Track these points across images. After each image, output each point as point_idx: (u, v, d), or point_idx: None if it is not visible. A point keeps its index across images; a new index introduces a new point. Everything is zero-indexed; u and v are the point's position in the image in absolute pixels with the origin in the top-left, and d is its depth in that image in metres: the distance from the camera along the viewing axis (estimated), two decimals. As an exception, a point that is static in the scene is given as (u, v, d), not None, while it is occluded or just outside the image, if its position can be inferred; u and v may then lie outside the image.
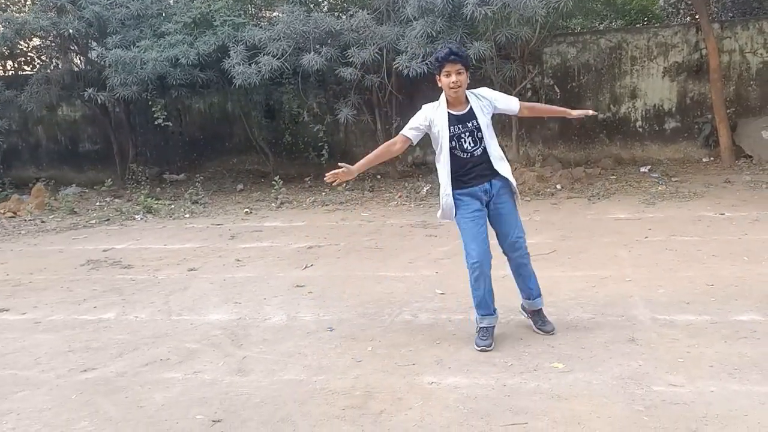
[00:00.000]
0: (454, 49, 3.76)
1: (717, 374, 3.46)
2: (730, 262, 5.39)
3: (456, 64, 3.71)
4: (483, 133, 3.83)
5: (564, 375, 3.57)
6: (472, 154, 3.85)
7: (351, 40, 8.79)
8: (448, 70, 3.73)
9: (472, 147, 3.85)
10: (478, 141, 3.84)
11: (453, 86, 3.74)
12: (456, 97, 3.80)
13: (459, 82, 3.73)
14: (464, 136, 3.83)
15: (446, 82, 3.76)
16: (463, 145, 3.84)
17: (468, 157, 3.85)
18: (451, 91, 3.78)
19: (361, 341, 4.24)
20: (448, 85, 3.75)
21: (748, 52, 10.39)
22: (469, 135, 3.83)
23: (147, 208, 9.26)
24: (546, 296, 4.78)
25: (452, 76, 3.72)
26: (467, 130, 3.83)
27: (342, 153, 12.02)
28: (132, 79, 9.36)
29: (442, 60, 3.74)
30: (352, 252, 6.58)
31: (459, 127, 3.83)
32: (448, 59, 3.71)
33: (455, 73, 3.72)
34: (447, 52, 3.74)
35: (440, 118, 3.84)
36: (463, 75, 3.75)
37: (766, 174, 9.17)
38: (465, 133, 3.83)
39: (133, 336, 4.62)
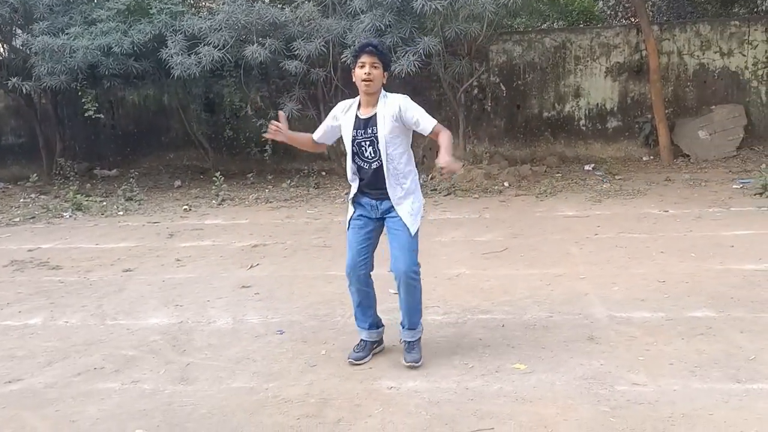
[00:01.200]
0: (373, 42, 3.53)
1: (678, 372, 3.43)
2: (679, 258, 5.45)
3: (372, 56, 3.44)
4: (381, 147, 3.47)
5: (527, 376, 3.46)
6: (370, 165, 3.54)
7: (296, 33, 8.51)
8: (363, 62, 3.44)
9: (371, 157, 3.53)
10: (377, 152, 3.50)
11: (365, 78, 3.43)
12: (367, 93, 3.48)
13: (372, 76, 3.43)
14: (365, 144, 3.52)
15: (359, 74, 3.45)
16: (364, 153, 3.54)
17: (366, 168, 3.56)
18: (362, 84, 3.46)
19: (313, 344, 4.03)
20: (360, 77, 3.44)
21: (685, 54, 10.67)
22: (369, 144, 3.50)
23: (76, 205, 8.72)
24: (502, 295, 4.75)
25: (366, 67, 3.43)
26: (367, 137, 3.50)
27: (285, 149, 11.69)
28: (60, 68, 8.79)
29: (359, 50, 3.49)
30: (300, 251, 6.33)
31: (361, 133, 3.52)
32: (365, 50, 3.46)
33: (370, 65, 3.43)
34: (365, 43, 3.52)
35: (348, 119, 3.58)
36: (378, 70, 3.45)
37: (704, 172, 9.42)
38: (366, 141, 3.50)
39: (63, 343, 4.26)
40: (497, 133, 11.22)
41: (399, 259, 3.56)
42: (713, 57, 10.60)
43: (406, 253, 3.56)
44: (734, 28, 10.52)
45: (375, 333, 3.82)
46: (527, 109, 11.17)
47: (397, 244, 3.58)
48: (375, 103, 3.52)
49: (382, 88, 3.55)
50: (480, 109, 11.15)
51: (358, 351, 3.76)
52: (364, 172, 3.59)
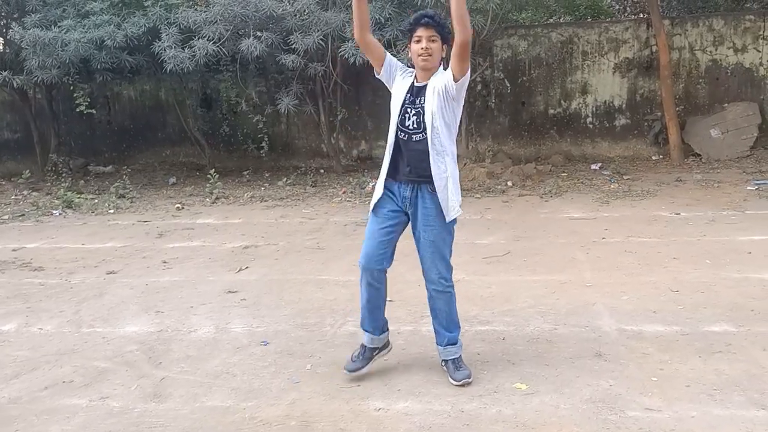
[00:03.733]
0: (429, 13, 3.21)
1: (695, 396, 3.13)
2: (693, 265, 5.14)
3: (429, 29, 3.13)
4: (427, 119, 3.20)
5: (528, 398, 3.17)
6: (411, 137, 3.25)
7: (294, 26, 8.20)
8: (420, 35, 3.14)
9: (413, 127, 3.25)
10: (420, 125, 3.23)
11: (422, 53, 3.15)
12: (425, 67, 3.20)
13: (430, 50, 3.14)
14: (410, 112, 3.25)
15: (415, 49, 3.17)
16: (405, 121, 3.26)
17: (406, 139, 3.26)
18: (419, 59, 3.17)
19: (298, 357, 3.75)
20: (417, 52, 3.16)
21: (697, 49, 10.31)
22: (414, 114, 3.24)
23: (67, 202, 8.45)
24: (503, 304, 4.46)
25: (423, 41, 3.13)
26: (415, 107, 3.24)
27: (283, 145, 11.47)
28: (52, 61, 8.52)
29: (414, 23, 3.19)
30: (292, 253, 6.04)
31: (411, 99, 3.26)
32: (420, 22, 3.15)
33: (427, 39, 3.13)
34: (421, 14, 3.20)
35: (404, 82, 3.30)
36: (437, 43, 3.16)
37: (716, 173, 9.08)
38: (412, 110, 3.24)
39: (34, 352, 4.00)
40: (501, 131, 10.89)
41: (432, 267, 3.30)
42: (726, 53, 10.23)
43: (439, 258, 3.30)
44: (749, 22, 10.15)
45: (377, 339, 3.49)
46: (532, 106, 10.83)
47: (425, 245, 3.30)
48: (431, 76, 3.24)
49: (441, 63, 3.25)
50: (483, 105, 10.82)
51: (355, 360, 3.46)
52: (402, 145, 3.27)
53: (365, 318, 3.46)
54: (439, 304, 3.37)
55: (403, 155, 3.28)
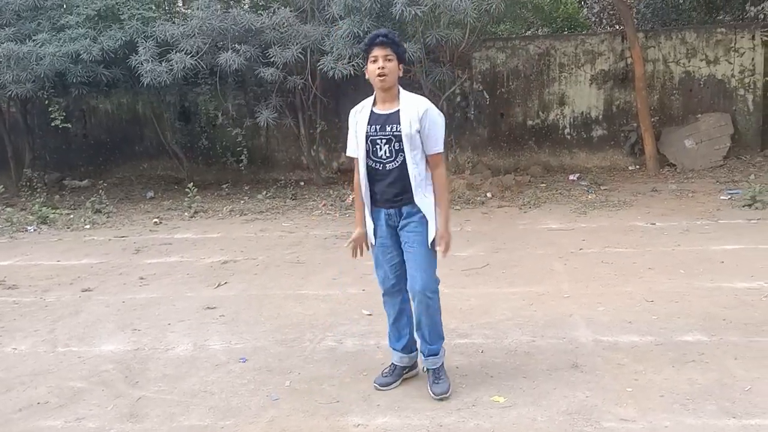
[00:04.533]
0: (383, 32, 3.23)
1: (669, 406, 3.18)
2: (667, 275, 5.21)
3: (385, 48, 3.16)
4: (403, 146, 3.19)
5: (506, 411, 3.19)
6: (384, 166, 3.25)
7: (273, 39, 8.22)
8: (376, 55, 3.17)
9: (385, 156, 3.24)
10: (393, 152, 3.22)
11: (379, 72, 3.16)
12: (383, 87, 3.21)
13: (386, 69, 3.16)
14: (380, 142, 3.23)
15: (372, 69, 3.19)
16: (377, 152, 3.24)
17: (380, 169, 3.26)
18: (377, 80, 3.19)
19: (277, 374, 3.73)
20: (374, 72, 3.18)
21: (671, 61, 10.49)
22: (385, 142, 3.22)
23: (42, 218, 8.33)
24: (482, 316, 4.48)
25: (379, 61, 3.16)
26: (384, 135, 3.22)
27: (263, 158, 11.44)
28: (26, 75, 8.43)
29: (369, 43, 3.21)
30: (271, 267, 6.03)
31: (377, 129, 3.23)
32: (375, 42, 3.18)
33: (383, 59, 3.16)
34: (375, 34, 3.23)
35: (363, 118, 3.30)
36: (393, 63, 3.18)
37: (690, 182, 9.22)
38: (381, 138, 3.22)
39: (8, 373, 3.94)
40: (480, 142, 10.97)
41: (415, 277, 3.31)
42: (699, 65, 10.43)
43: (422, 269, 3.30)
44: (720, 35, 10.35)
45: (407, 357, 3.54)
46: (511, 117, 10.93)
47: (413, 259, 3.32)
48: (393, 98, 3.26)
49: (398, 83, 3.27)
50: (463, 117, 10.90)
51: (386, 375, 3.50)
52: (377, 174, 3.28)
53: (393, 337, 3.53)
54: (421, 316, 3.38)
55: (379, 184, 3.30)
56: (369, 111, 3.29)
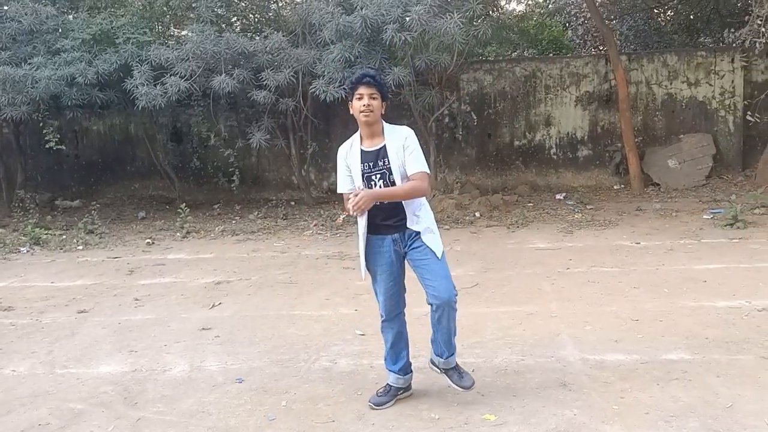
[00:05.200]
0: (370, 72, 3.44)
1: (654, 423, 3.29)
2: (652, 294, 5.36)
3: (370, 87, 3.36)
4: (395, 177, 3.38)
5: (497, 429, 3.30)
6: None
7: (265, 62, 8.37)
8: (361, 93, 3.36)
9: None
10: (390, 184, 3.40)
11: (364, 110, 3.35)
12: (367, 124, 3.40)
13: (371, 106, 3.35)
14: (374, 178, 3.41)
15: (357, 106, 3.37)
16: (373, 187, 3.41)
17: (379, 204, 3.39)
18: (362, 116, 3.37)
19: (274, 394, 3.81)
20: (359, 109, 3.36)
21: (653, 83, 10.77)
22: (380, 177, 3.40)
23: (34, 239, 8.38)
24: (472, 336, 4.58)
25: (365, 98, 3.34)
26: (378, 170, 3.40)
27: (254, 178, 11.56)
28: (22, 98, 8.52)
29: (355, 82, 3.40)
30: (265, 287, 6.12)
31: (370, 166, 3.42)
32: (362, 81, 3.37)
33: (368, 97, 3.35)
34: (361, 74, 3.42)
35: (354, 157, 3.47)
36: (377, 101, 3.38)
37: (674, 201, 9.43)
38: (376, 174, 3.40)
39: (8, 395, 3.99)
40: (468, 162, 11.17)
41: (440, 289, 3.41)
42: (681, 87, 10.71)
43: (443, 280, 3.43)
44: (701, 58, 10.65)
45: (403, 379, 3.65)
46: (498, 137, 11.15)
47: (431, 273, 3.43)
48: (378, 133, 3.45)
49: (381, 118, 3.46)
50: (451, 137, 11.10)
51: (381, 395, 3.60)
52: (378, 206, 3.41)
53: (390, 359, 3.64)
54: (443, 320, 3.47)
55: (379, 214, 3.44)
56: (359, 150, 3.46)
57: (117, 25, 8.89)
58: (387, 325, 3.62)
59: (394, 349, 3.63)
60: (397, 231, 3.46)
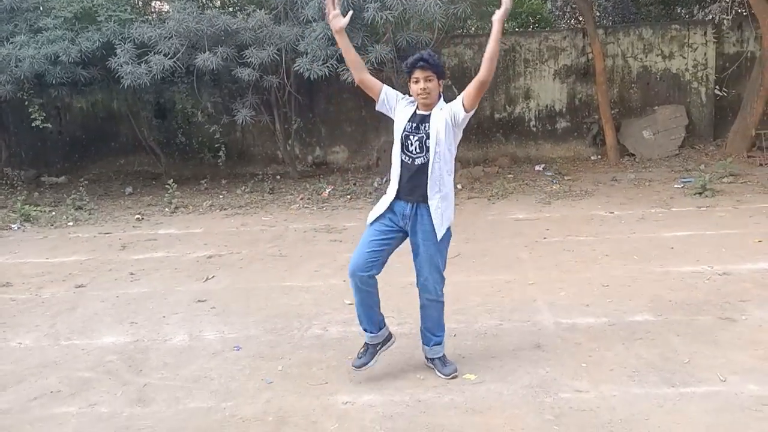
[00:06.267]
0: (424, 56, 3.56)
1: (618, 378, 3.61)
2: (622, 261, 5.69)
3: (425, 70, 3.50)
4: (431, 144, 3.53)
5: (476, 387, 3.60)
6: (414, 160, 3.58)
7: (248, 40, 8.48)
8: (417, 77, 3.52)
9: (416, 151, 3.57)
10: (424, 148, 3.56)
11: (421, 93, 3.52)
12: (425, 104, 3.57)
13: (428, 89, 3.51)
14: (412, 138, 3.57)
15: (414, 89, 3.55)
16: (409, 147, 3.59)
17: (409, 162, 3.59)
18: (419, 98, 3.55)
19: (270, 360, 4.09)
20: (416, 92, 3.55)
21: (629, 56, 11.03)
22: (417, 139, 3.56)
23: (24, 216, 8.52)
24: (454, 303, 4.83)
25: (421, 82, 3.51)
26: (418, 133, 3.56)
27: (239, 153, 11.71)
28: (6, 77, 8.58)
29: (411, 66, 3.55)
30: (256, 261, 6.36)
31: (413, 126, 3.57)
32: (417, 65, 3.51)
33: (424, 80, 3.51)
34: (416, 58, 3.55)
35: (406, 110, 3.63)
36: (433, 82, 3.54)
37: (648, 171, 9.77)
38: (414, 135, 3.56)
39: (18, 366, 4.21)
40: (450, 135, 11.39)
41: (428, 278, 3.66)
42: (655, 60, 10.99)
43: (432, 269, 3.65)
44: (675, 32, 10.91)
45: (377, 335, 3.78)
46: (479, 110, 11.36)
47: (423, 259, 3.64)
48: (433, 107, 3.60)
49: (439, 97, 3.62)
50: (433, 111, 11.30)
51: (361, 356, 3.77)
52: (405, 168, 3.61)
53: (362, 318, 3.77)
54: (430, 311, 3.77)
55: (406, 176, 3.62)
56: (413, 111, 3.61)
57: (98, 2, 8.92)
58: (356, 283, 3.63)
59: (363, 306, 3.70)
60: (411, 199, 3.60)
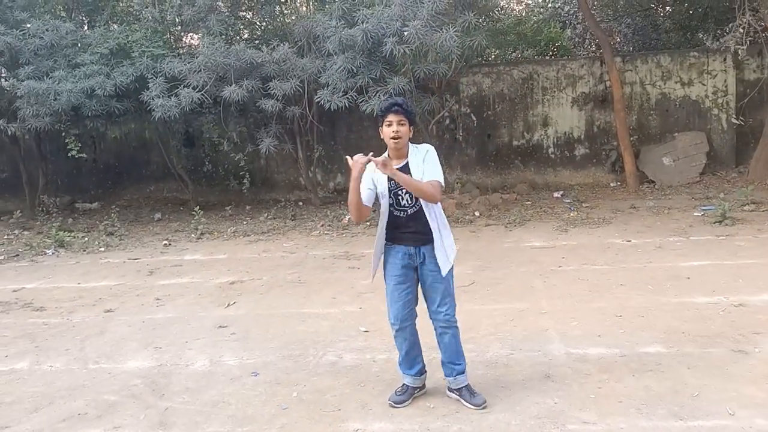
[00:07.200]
0: (399, 101, 3.73)
1: (626, 410, 3.64)
2: (637, 291, 5.69)
3: (399, 114, 3.64)
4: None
5: (485, 416, 3.68)
6: (407, 212, 3.72)
7: (272, 72, 8.78)
8: (390, 120, 3.64)
9: (408, 203, 3.71)
10: (413, 199, 3.70)
11: (393, 136, 3.64)
12: (396, 148, 3.69)
13: (400, 133, 3.63)
14: (401, 192, 3.69)
15: (387, 132, 3.66)
16: (401, 201, 3.71)
17: (403, 216, 3.73)
18: (391, 142, 3.66)
19: (286, 386, 4.22)
20: (388, 134, 3.65)
21: (647, 84, 11.11)
22: (405, 192, 3.68)
23: (59, 241, 8.86)
24: (466, 332, 4.87)
25: (394, 125, 3.63)
26: (401, 188, 3.67)
27: (263, 180, 11.99)
28: (45, 110, 9.01)
29: (385, 110, 3.70)
30: (275, 287, 6.54)
31: (394, 184, 3.68)
32: (391, 109, 3.68)
33: (397, 123, 3.63)
34: (391, 102, 3.72)
35: (381, 174, 3.74)
36: (405, 126, 3.66)
37: (667, 199, 9.77)
38: (402, 189, 3.67)
39: (48, 388, 4.41)
40: (469, 162, 11.56)
41: (442, 307, 3.79)
42: (674, 86, 11.05)
43: (450, 297, 3.81)
44: (693, 59, 10.98)
45: (419, 379, 3.96)
46: (497, 138, 11.53)
47: (439, 290, 3.77)
48: (404, 155, 3.72)
49: (409, 141, 3.77)
50: (452, 138, 11.50)
51: (399, 394, 3.91)
52: (399, 220, 3.74)
53: (405, 365, 3.95)
54: (446, 339, 3.88)
55: (402, 227, 3.76)
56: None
57: (132, 39, 9.33)
58: (399, 334, 3.86)
59: (408, 355, 3.91)
60: (414, 244, 3.75)
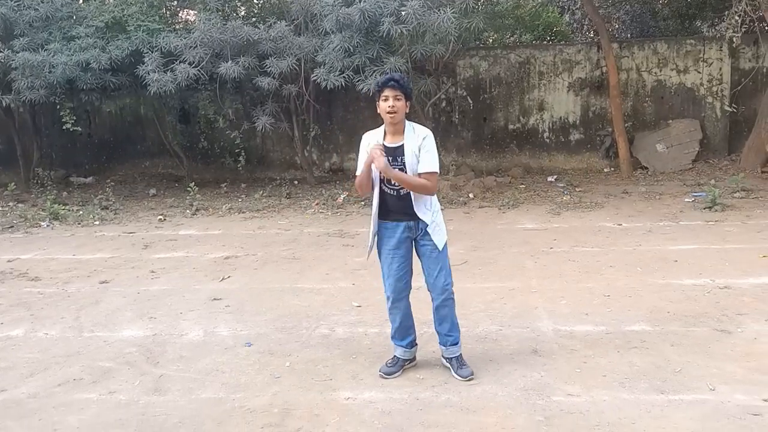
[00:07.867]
0: (395, 77, 3.77)
1: (609, 383, 3.75)
2: (625, 272, 5.80)
3: (395, 90, 3.67)
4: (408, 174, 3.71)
5: (473, 387, 3.77)
6: (398, 191, 3.79)
7: (269, 50, 8.78)
8: (386, 95, 3.68)
9: (397, 184, 3.76)
10: None
11: (390, 110, 3.68)
12: (392, 123, 3.73)
13: (396, 108, 3.68)
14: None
15: (383, 107, 3.70)
16: (391, 180, 3.75)
17: (394, 194, 3.80)
18: (387, 116, 3.71)
19: (279, 357, 4.30)
20: (384, 109, 3.69)
21: (643, 70, 11.15)
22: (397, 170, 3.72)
23: (53, 214, 8.89)
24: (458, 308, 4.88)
25: (390, 100, 3.67)
26: (396, 166, 3.72)
27: (259, 158, 12.01)
28: (40, 83, 8.99)
29: (382, 85, 3.74)
30: (270, 263, 6.61)
31: (389, 160, 3.70)
32: (387, 84, 3.71)
33: (393, 98, 3.67)
34: (387, 77, 3.76)
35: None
36: (401, 102, 3.70)
37: (659, 185, 9.86)
38: (394, 168, 3.71)
39: (44, 354, 4.49)
40: (464, 145, 11.61)
41: (439, 278, 3.86)
42: (670, 74, 11.10)
43: (440, 272, 3.87)
44: (689, 46, 11.02)
45: (410, 351, 4.05)
46: (493, 121, 11.57)
47: (436, 262, 3.85)
48: (401, 132, 3.76)
49: (405, 118, 3.81)
50: (448, 121, 11.53)
51: (390, 366, 4.00)
52: (390, 197, 3.81)
53: (398, 337, 4.04)
54: (444, 311, 3.96)
55: (392, 204, 3.84)
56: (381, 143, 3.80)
57: (128, 12, 9.30)
58: (394, 306, 3.94)
59: (401, 327, 4.00)
60: (411, 219, 3.82)
